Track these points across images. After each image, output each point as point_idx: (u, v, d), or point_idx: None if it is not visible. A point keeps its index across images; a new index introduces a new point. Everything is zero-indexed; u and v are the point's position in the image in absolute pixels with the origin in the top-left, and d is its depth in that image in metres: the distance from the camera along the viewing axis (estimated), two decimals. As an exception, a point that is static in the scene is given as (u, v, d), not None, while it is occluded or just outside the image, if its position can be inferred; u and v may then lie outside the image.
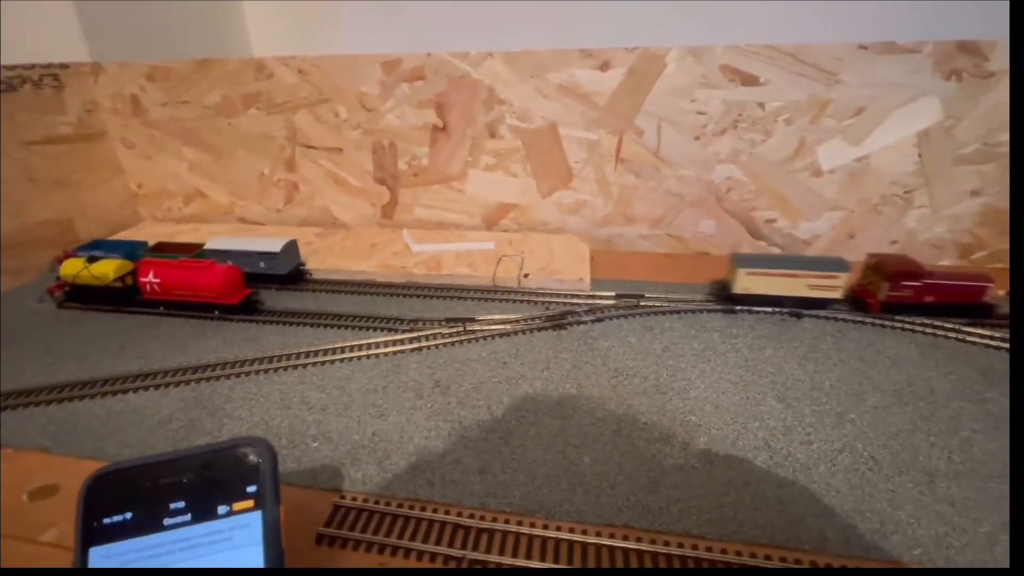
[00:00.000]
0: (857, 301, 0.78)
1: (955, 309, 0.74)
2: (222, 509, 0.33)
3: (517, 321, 0.77)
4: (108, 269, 0.79)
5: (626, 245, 1.09)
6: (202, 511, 0.32)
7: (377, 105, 1.03)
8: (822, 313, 0.77)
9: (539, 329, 0.76)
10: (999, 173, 0.90)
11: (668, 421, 0.57)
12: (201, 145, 1.14)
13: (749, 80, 0.90)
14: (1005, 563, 0.41)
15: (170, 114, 1.11)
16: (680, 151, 0.98)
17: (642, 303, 0.82)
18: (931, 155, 0.90)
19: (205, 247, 0.89)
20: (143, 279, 0.79)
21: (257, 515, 0.33)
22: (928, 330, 0.72)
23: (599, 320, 0.78)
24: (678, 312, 0.79)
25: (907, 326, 0.73)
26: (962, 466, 0.50)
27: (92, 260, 0.81)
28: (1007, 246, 0.95)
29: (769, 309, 0.78)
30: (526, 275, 0.90)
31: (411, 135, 1.05)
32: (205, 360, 0.69)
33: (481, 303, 0.84)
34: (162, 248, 0.93)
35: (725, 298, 0.80)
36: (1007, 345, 0.69)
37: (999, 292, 0.78)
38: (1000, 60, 0.83)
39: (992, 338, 0.70)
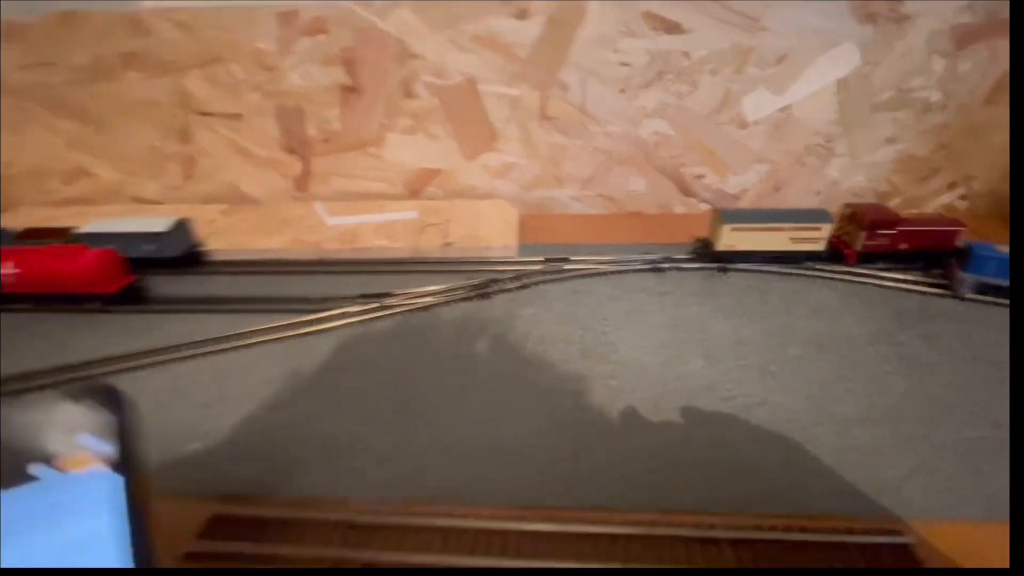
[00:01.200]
0: (834, 253, 0.77)
1: (928, 255, 0.74)
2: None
3: (438, 293, 0.72)
4: (-46, 262, 0.68)
5: (558, 208, 1.05)
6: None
7: (277, 63, 0.92)
8: (746, 267, 0.76)
9: (461, 300, 0.71)
10: (912, 119, 0.91)
11: (592, 387, 0.54)
12: (77, 115, 0.99)
13: (673, 28, 0.86)
14: (913, 506, 0.41)
15: (33, 79, 0.96)
16: (606, 106, 0.94)
17: (570, 267, 0.78)
18: (850, 103, 0.90)
19: (79, 231, 0.78)
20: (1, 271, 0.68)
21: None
22: (847, 277, 0.73)
23: (525, 287, 0.74)
24: (605, 274, 0.76)
25: (826, 275, 0.74)
26: (876, 410, 0.50)
27: (-64, 252, 0.69)
28: (922, 192, 0.98)
29: (695, 266, 0.77)
30: (449, 244, 0.84)
31: (319, 96, 0.95)
32: (84, 357, 0.60)
33: (401, 276, 0.79)
34: (32, 235, 0.81)
35: (708, 256, 0.77)
36: (920, 288, 0.70)
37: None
38: (913, 3, 0.82)
39: (907, 281, 0.71)
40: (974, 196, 0.97)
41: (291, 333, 0.64)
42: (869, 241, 0.73)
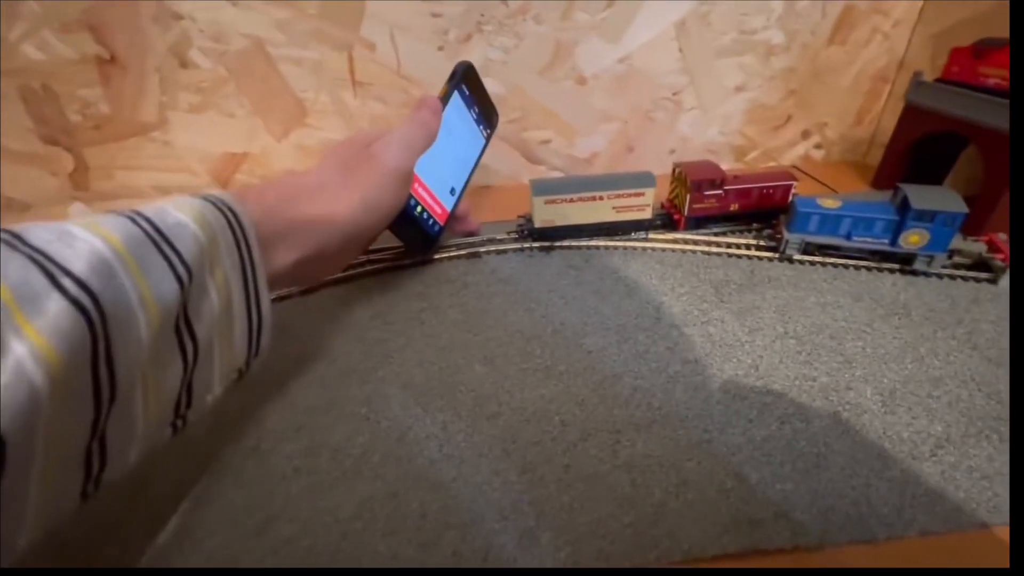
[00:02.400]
0: (667, 219, 0.69)
1: (762, 215, 0.67)
2: None
3: (200, 307, 0.59)
4: None
5: (396, 188, 0.92)
6: None
7: (2, 34, 0.74)
8: (575, 243, 0.67)
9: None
10: (758, 64, 0.84)
11: (331, 420, 0.43)
12: None
13: (482, -31, 0.74)
14: (664, 541, 0.33)
15: None
16: (426, 66, 0.81)
17: (372, 258, 0.67)
18: (691, 49, 0.82)
19: None
20: None
21: None
22: (676, 246, 0.65)
23: (307, 292, 0.62)
24: (412, 266, 0.66)
25: (657, 245, 0.66)
26: (657, 412, 0.42)
27: None
28: (777, 143, 0.92)
29: (516, 246, 0.67)
30: (236, 243, 0.71)
31: (69, 73, 0.77)
32: None
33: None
34: None
35: (530, 234, 0.67)
36: (750, 253, 0.63)
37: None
38: (742, -70, 0.73)
39: (737, 246, 0.65)
40: (828, 144, 0.93)
41: None
42: (696, 204, 0.65)
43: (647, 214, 0.66)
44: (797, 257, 0.61)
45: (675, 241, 0.66)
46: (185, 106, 0.81)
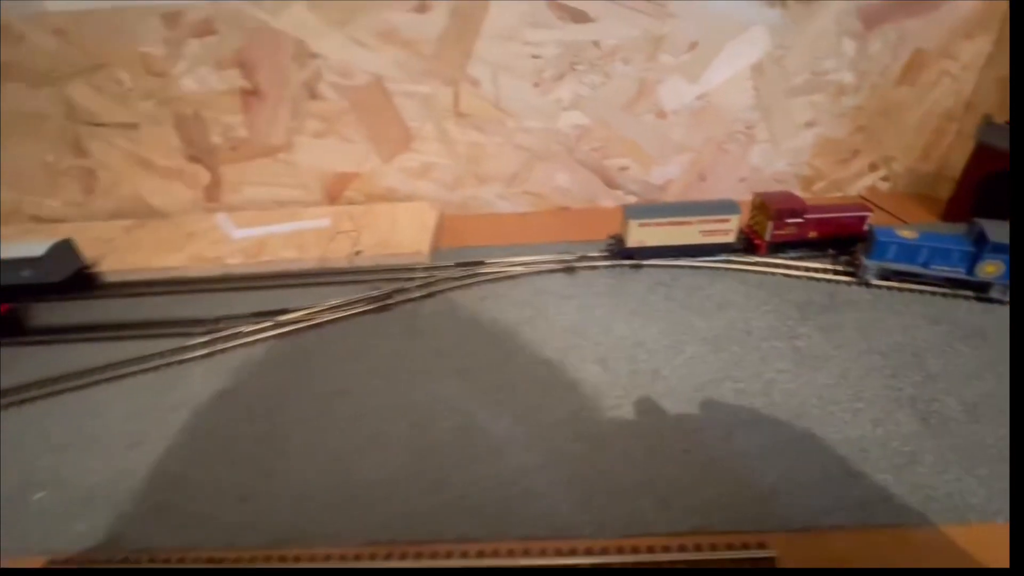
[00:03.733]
0: (748, 243, 0.76)
1: (838, 243, 0.73)
2: None
3: (338, 307, 0.69)
4: None
5: (484, 207, 1.02)
6: None
7: (166, 68, 0.87)
8: (659, 262, 0.74)
9: (361, 314, 0.68)
10: (828, 103, 0.90)
11: (476, 405, 0.51)
12: (-44, 132, 0.92)
13: (580, 17, 0.83)
14: (780, 515, 0.39)
15: (-98, 95, 0.89)
16: (522, 100, 0.90)
17: (481, 270, 0.76)
18: (766, 88, 0.89)
19: (-55, 260, 0.72)
20: None
21: None
22: (758, 268, 0.72)
23: (430, 295, 0.71)
24: (516, 277, 0.74)
25: (738, 267, 0.72)
26: (761, 411, 0.49)
27: None
28: (844, 175, 0.97)
29: (608, 263, 0.75)
30: (358, 252, 0.81)
31: (217, 102, 0.90)
32: (-71, 402, 0.56)
33: (305, 290, 0.75)
34: (-102, 265, 0.75)
35: (620, 253, 0.75)
36: (828, 276, 0.69)
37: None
38: (820, -17, 0.81)
39: (816, 270, 0.70)
40: (895, 177, 0.97)
41: (168, 360, 0.60)
42: (777, 231, 0.72)
43: (731, 238, 0.73)
44: (874, 282, 0.66)
45: (756, 264, 0.72)
46: (310, 131, 0.93)
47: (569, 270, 0.75)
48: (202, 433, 0.50)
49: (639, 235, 0.73)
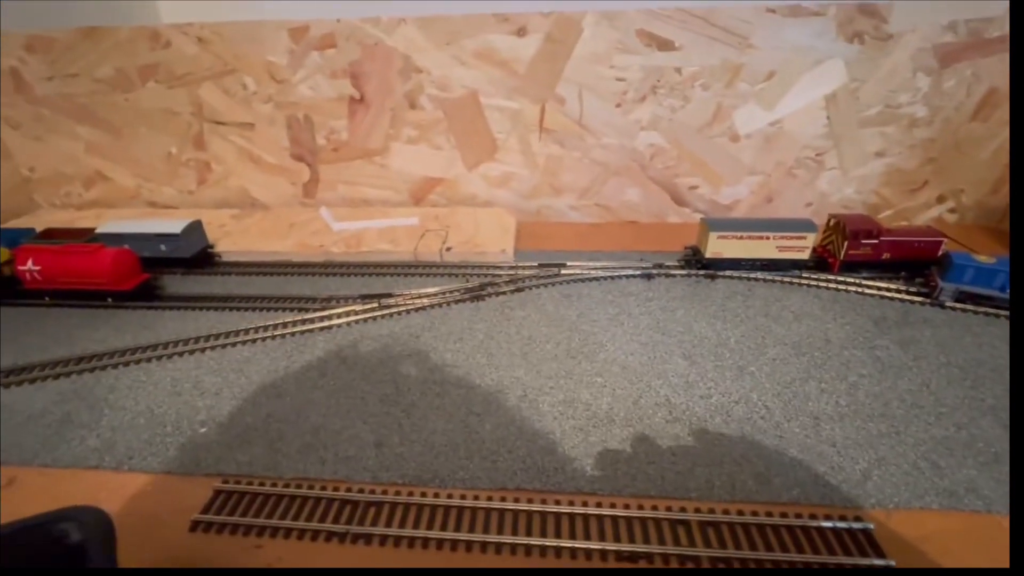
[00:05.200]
0: (820, 261, 0.79)
1: (910, 265, 0.76)
2: None
3: (434, 295, 0.76)
4: (-19, 258, 0.72)
5: (556, 216, 1.08)
6: None
7: (287, 76, 0.97)
8: (733, 274, 0.78)
9: (456, 302, 0.74)
10: (900, 134, 0.93)
11: (574, 384, 0.56)
12: (97, 123, 1.05)
13: (665, 45, 0.90)
14: (874, 496, 0.43)
15: (57, 89, 1.02)
16: (602, 119, 0.97)
17: (563, 271, 0.81)
18: (838, 118, 0.93)
19: (97, 231, 0.82)
20: (21, 267, 0.72)
21: None
22: (831, 285, 0.75)
23: (519, 290, 0.77)
24: (597, 279, 0.79)
25: (811, 283, 0.76)
26: (847, 408, 0.52)
27: (-36, 249, 0.74)
28: (910, 204, 1.00)
29: (684, 272, 0.80)
30: (448, 248, 0.88)
31: (327, 107, 1.00)
32: (91, 350, 0.64)
33: (401, 279, 0.82)
34: (51, 234, 0.86)
35: (697, 263, 0.80)
36: (901, 296, 0.72)
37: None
38: (897, 22, 0.85)
39: (888, 289, 0.73)
40: (963, 209, 0.99)
41: (293, 330, 0.68)
42: (852, 250, 0.75)
43: (805, 255, 0.76)
44: (949, 304, 0.69)
45: (829, 281, 0.76)
46: (405, 138, 1.02)
47: (647, 276, 0.80)
48: (332, 391, 0.56)
49: (717, 246, 0.77)
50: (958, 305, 0.69)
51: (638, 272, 0.80)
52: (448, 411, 0.53)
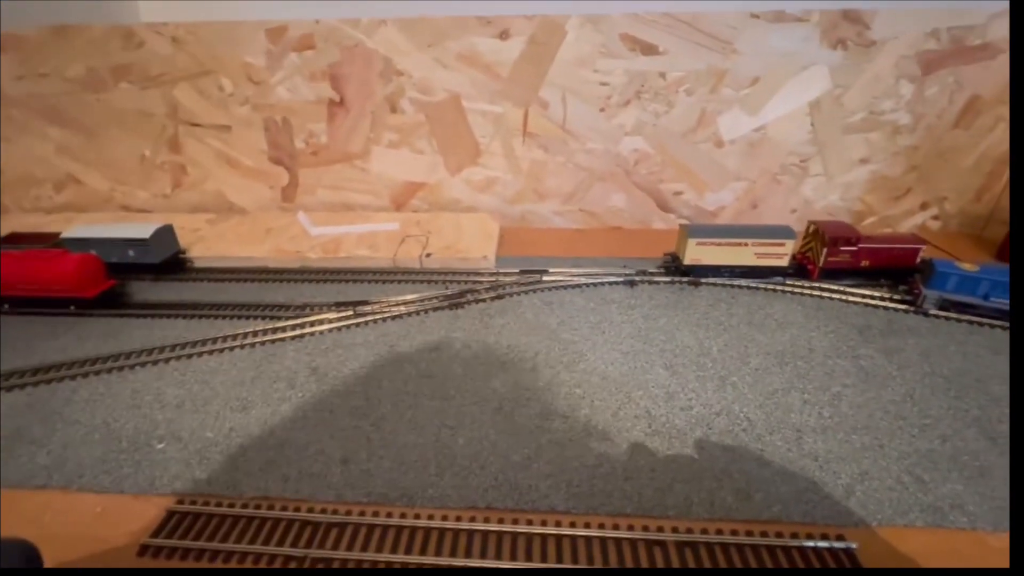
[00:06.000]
0: (799, 268, 0.79)
1: (891, 272, 0.75)
2: None
3: (412, 302, 0.74)
4: (-63, 264, 0.69)
5: (540, 222, 1.07)
6: None
7: (265, 77, 0.95)
8: (716, 281, 0.77)
9: (435, 309, 0.72)
10: (884, 141, 0.93)
11: (552, 396, 0.55)
12: (68, 124, 1.02)
13: (649, 49, 0.89)
14: (857, 512, 0.42)
15: (27, 89, 0.99)
16: (586, 124, 0.96)
17: (545, 278, 0.80)
18: (822, 124, 0.93)
19: (63, 236, 0.79)
20: (-22, 273, 0.69)
21: None
22: (815, 292, 0.74)
23: (499, 297, 0.75)
24: (579, 286, 0.78)
25: (795, 290, 0.75)
26: (830, 420, 0.51)
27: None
28: (895, 211, 1.00)
29: (667, 279, 0.78)
30: (428, 255, 0.86)
31: (306, 110, 0.98)
32: (50, 360, 0.61)
33: (379, 285, 0.80)
34: (16, 239, 0.83)
35: (676, 270, 0.79)
36: (885, 304, 0.71)
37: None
38: (880, 29, 0.85)
39: (872, 297, 0.73)
40: (946, 216, 0.99)
41: (263, 339, 0.65)
42: (831, 257, 0.75)
43: (784, 262, 0.75)
44: (933, 312, 0.68)
45: (812, 288, 0.75)
46: (386, 142, 1.00)
47: (630, 283, 0.78)
48: (300, 403, 0.54)
49: (696, 253, 0.76)
50: (942, 313, 0.68)
51: (621, 279, 0.79)
52: (420, 424, 0.51)
